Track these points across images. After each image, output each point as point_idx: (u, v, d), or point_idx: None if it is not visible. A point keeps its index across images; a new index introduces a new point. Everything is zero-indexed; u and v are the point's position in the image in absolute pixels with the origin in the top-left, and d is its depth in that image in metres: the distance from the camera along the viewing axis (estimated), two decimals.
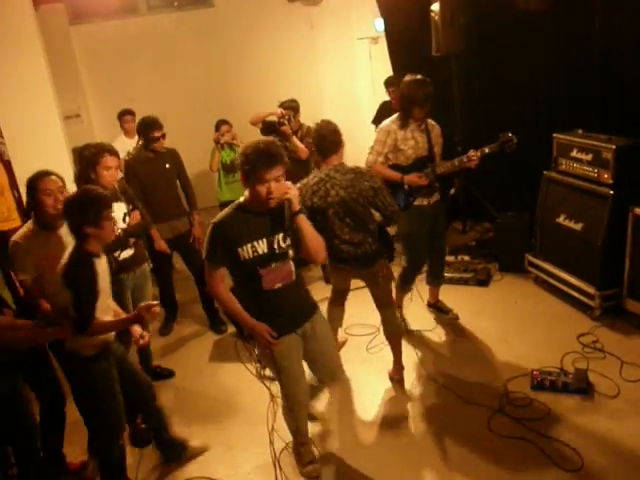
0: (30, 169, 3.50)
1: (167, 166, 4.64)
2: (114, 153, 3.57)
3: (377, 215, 3.50)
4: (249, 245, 2.63)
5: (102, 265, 2.78)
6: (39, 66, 5.63)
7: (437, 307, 4.64)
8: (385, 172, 3.95)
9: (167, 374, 4.30)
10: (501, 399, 3.46)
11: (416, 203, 4.04)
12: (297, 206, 2.66)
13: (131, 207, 3.83)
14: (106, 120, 6.82)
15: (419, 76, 3.88)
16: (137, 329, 3.08)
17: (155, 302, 2.75)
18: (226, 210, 2.70)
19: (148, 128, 4.51)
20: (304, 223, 2.70)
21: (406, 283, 4.41)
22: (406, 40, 6.18)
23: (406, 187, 3.98)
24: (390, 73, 6.41)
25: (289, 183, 2.66)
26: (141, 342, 3.11)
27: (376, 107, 6.52)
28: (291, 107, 5.24)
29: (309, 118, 5.59)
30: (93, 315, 2.64)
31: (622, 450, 2.96)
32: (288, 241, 2.71)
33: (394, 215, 3.44)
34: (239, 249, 2.62)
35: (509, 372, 3.73)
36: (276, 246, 2.68)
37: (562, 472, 2.87)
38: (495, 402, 3.44)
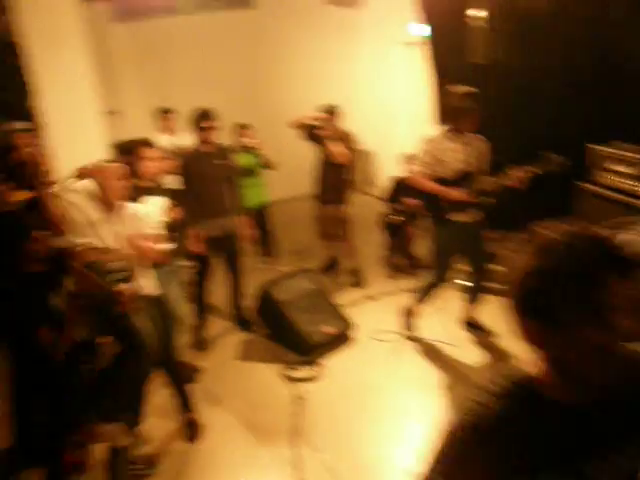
0: (70, 162, 3.62)
1: (217, 162, 4.57)
2: (152, 145, 3.68)
3: None
4: None
5: None
6: (82, 62, 5.76)
7: (471, 325, 4.50)
8: (426, 184, 3.90)
9: (193, 369, 4.34)
10: None
11: (453, 218, 3.96)
12: None
13: (171, 203, 3.85)
14: (144, 117, 6.92)
15: (465, 87, 3.80)
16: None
17: None
18: None
19: (197, 119, 4.51)
20: None
21: (424, 295, 4.37)
22: (447, 46, 6.15)
23: (444, 202, 3.92)
24: (427, 79, 6.38)
25: None
26: None
27: (412, 113, 6.50)
28: (331, 111, 5.23)
29: (347, 125, 5.64)
30: None
31: None
32: None
33: None
34: None
35: None
36: None
37: None
38: None
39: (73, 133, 5.51)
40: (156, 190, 3.83)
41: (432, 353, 4.28)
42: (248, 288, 4.90)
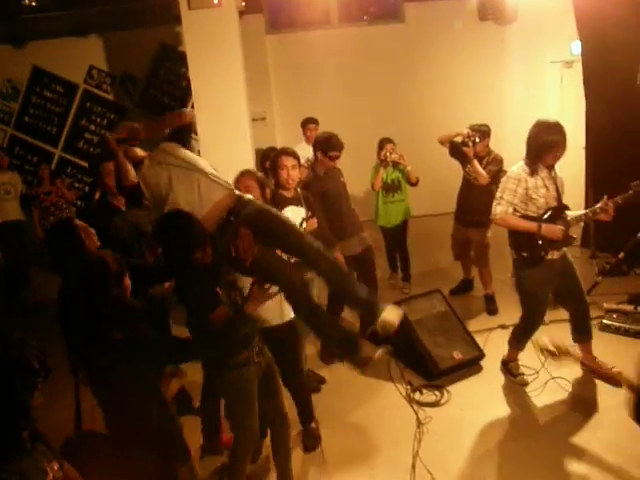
0: (218, 166, 3.80)
1: (342, 180, 4.72)
2: (290, 154, 3.84)
3: None
4: None
5: None
6: (237, 71, 6.07)
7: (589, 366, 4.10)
8: (518, 223, 3.67)
9: (318, 379, 4.38)
10: None
11: (550, 257, 3.71)
12: None
13: (310, 214, 3.95)
14: (289, 125, 7.16)
15: (551, 120, 3.59)
16: None
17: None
18: None
19: (326, 146, 4.57)
20: None
21: (520, 342, 4.09)
22: (604, 66, 5.76)
23: (540, 240, 3.66)
24: (582, 101, 6.02)
25: None
26: None
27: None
28: (480, 130, 5.07)
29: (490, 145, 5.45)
30: None
31: None
32: None
33: None
34: None
35: None
36: None
37: None
38: None
39: (223, 138, 5.82)
40: (295, 200, 3.95)
41: (558, 394, 3.97)
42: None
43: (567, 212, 3.77)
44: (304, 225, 3.89)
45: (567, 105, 6.84)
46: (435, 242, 6.65)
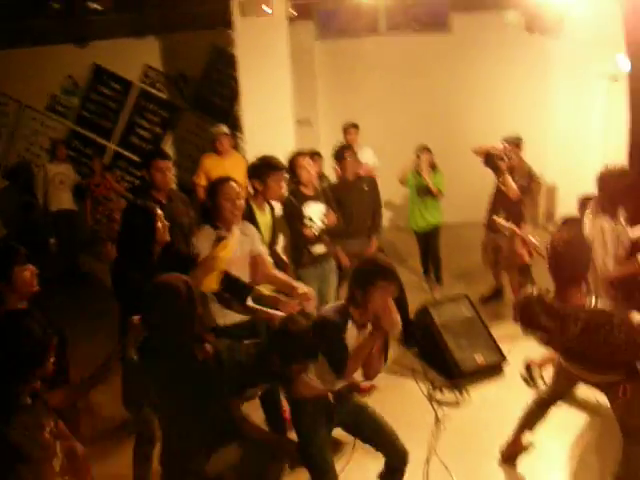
0: None
1: (365, 188, 5.01)
2: (307, 155, 4.34)
3: None
4: None
5: None
6: (284, 75, 6.33)
7: None
8: (631, 268, 3.57)
9: None
10: None
11: None
12: None
13: (329, 209, 4.34)
14: (333, 129, 7.34)
15: (617, 166, 3.65)
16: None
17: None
18: None
19: (341, 150, 5.08)
20: None
21: None
22: None
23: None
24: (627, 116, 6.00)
25: None
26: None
27: (609, 155, 6.13)
28: (514, 142, 5.24)
29: (531, 158, 5.53)
30: None
31: None
32: None
33: None
34: None
35: None
36: None
37: None
38: None
39: (267, 139, 6.05)
40: (316, 197, 4.32)
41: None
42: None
43: None
44: (324, 220, 4.28)
45: (613, 120, 6.80)
46: (467, 249, 6.74)
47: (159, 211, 3.07)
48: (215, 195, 3.32)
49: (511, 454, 3.47)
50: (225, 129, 6.09)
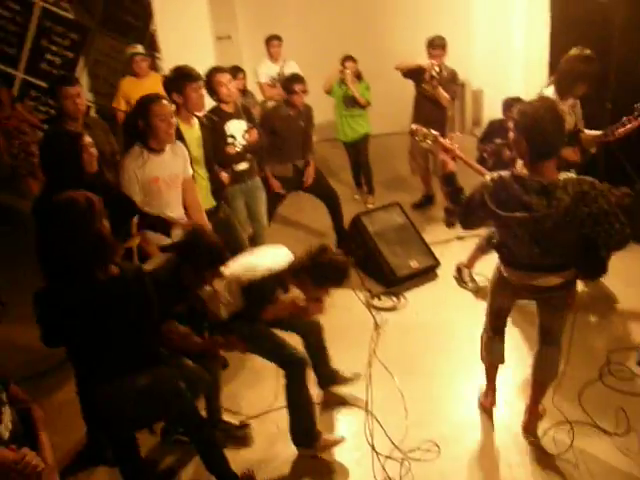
0: None
1: (301, 123, 4.93)
2: (225, 70, 4.15)
3: None
4: None
5: None
6: None
7: None
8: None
9: None
10: (602, 368, 3.43)
11: None
12: None
13: (250, 125, 4.28)
14: (255, 43, 7.06)
15: (588, 51, 3.63)
16: None
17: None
18: None
19: (291, 82, 4.82)
20: None
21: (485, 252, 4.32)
22: None
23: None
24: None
25: None
26: None
27: (529, 58, 6.19)
28: (439, 45, 5.21)
29: (456, 64, 5.52)
30: None
31: None
32: None
33: (621, 245, 2.44)
34: None
35: (617, 343, 3.66)
36: None
37: None
38: (595, 370, 3.42)
39: (187, 57, 5.75)
40: (236, 113, 4.24)
41: None
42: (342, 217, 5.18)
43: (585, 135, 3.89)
44: (246, 137, 4.25)
45: (535, 22, 6.80)
46: (396, 159, 6.83)
47: (88, 139, 2.94)
48: (147, 115, 3.19)
49: (492, 402, 3.26)
50: (141, 49, 5.78)
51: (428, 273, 4.69)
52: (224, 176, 4.15)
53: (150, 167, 3.23)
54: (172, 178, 3.34)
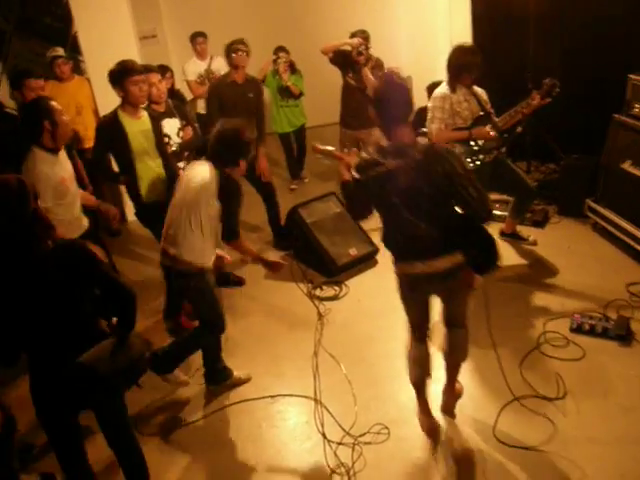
0: (106, 88, 3.79)
1: (250, 95, 4.87)
2: (154, 70, 4.10)
3: None
4: None
5: None
6: None
7: (512, 235, 4.75)
8: (452, 134, 4.03)
9: (238, 282, 4.62)
10: (539, 337, 3.56)
11: (485, 160, 4.09)
12: None
13: (184, 123, 4.22)
14: (181, 42, 6.94)
15: (469, 43, 3.99)
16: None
17: None
18: None
19: (229, 50, 4.84)
20: None
21: None
22: None
23: (473, 144, 4.04)
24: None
25: None
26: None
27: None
28: (364, 37, 5.23)
29: (382, 53, 5.57)
30: None
31: None
32: None
33: (481, 212, 2.55)
34: None
35: (551, 312, 3.80)
36: None
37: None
38: (533, 339, 3.55)
39: (110, 59, 5.60)
40: (168, 112, 4.18)
41: None
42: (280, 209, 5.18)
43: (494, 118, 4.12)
44: (180, 134, 4.18)
45: (459, 7, 6.94)
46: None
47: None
48: (51, 114, 3.24)
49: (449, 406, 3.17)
50: (61, 52, 5.59)
51: (368, 260, 4.74)
52: None
53: (56, 168, 3.29)
54: (70, 175, 3.44)
